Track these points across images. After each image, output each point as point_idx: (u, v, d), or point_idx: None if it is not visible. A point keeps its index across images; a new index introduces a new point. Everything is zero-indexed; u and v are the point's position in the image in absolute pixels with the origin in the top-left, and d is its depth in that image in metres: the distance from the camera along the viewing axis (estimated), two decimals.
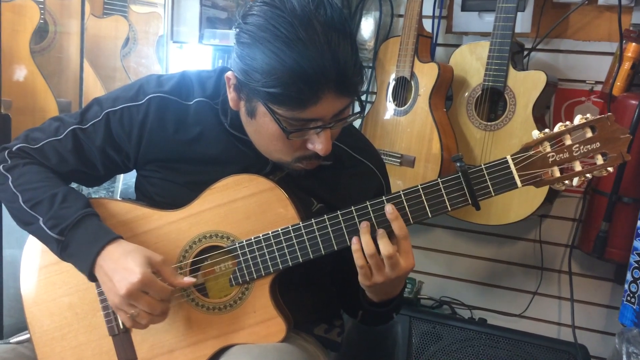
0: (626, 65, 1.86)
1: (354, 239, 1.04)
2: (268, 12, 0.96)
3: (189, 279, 1.08)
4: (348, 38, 0.97)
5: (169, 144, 1.16)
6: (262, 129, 1.05)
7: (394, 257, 1.01)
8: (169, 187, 1.18)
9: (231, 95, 1.08)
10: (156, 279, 1.02)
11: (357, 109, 1.06)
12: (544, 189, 1.86)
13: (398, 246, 1.03)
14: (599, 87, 2.05)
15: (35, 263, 1.18)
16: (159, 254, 1.06)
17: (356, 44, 1.00)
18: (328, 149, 1.03)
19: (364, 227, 1.04)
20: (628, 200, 1.85)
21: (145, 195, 1.22)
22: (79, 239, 1.07)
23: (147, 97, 1.16)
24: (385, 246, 1.01)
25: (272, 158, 1.11)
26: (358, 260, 1.03)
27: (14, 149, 1.18)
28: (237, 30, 1.02)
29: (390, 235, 1.03)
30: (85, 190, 1.49)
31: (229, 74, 1.06)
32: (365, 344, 2.06)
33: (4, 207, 1.39)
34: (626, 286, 1.74)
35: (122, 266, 1.02)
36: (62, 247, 1.08)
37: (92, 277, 1.07)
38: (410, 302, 2.19)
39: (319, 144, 1.02)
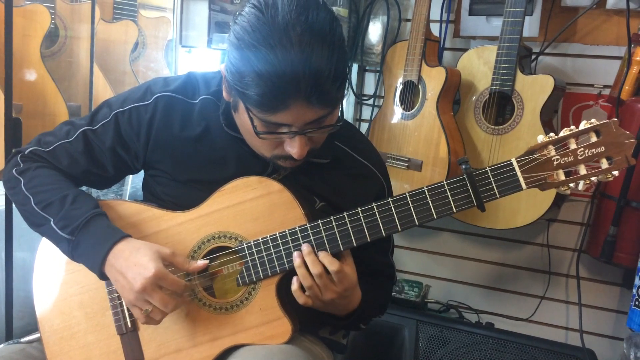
0: (634, 69, 1.86)
1: (296, 253, 1.07)
2: (252, 15, 0.99)
3: (202, 262, 1.10)
4: (328, 47, 0.96)
5: (175, 141, 1.18)
6: (243, 123, 1.08)
7: (342, 271, 1.06)
8: (175, 186, 1.19)
9: (224, 87, 1.11)
10: (169, 273, 1.04)
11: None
12: (551, 193, 1.85)
13: (344, 260, 1.08)
14: (607, 91, 2.05)
15: (48, 263, 1.20)
16: (167, 247, 1.08)
17: (341, 51, 0.99)
18: (301, 154, 1.05)
19: (305, 249, 1.07)
20: (636, 204, 1.84)
21: (153, 194, 1.23)
22: (88, 238, 1.08)
23: (154, 97, 1.19)
24: (332, 263, 1.05)
25: (256, 151, 1.14)
26: (305, 280, 1.06)
27: (26, 152, 1.20)
28: (231, 27, 1.05)
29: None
30: (94, 192, 1.50)
31: (222, 67, 1.08)
32: (372, 348, 2.06)
33: (14, 210, 1.40)
34: (634, 291, 1.74)
35: (134, 262, 1.04)
36: (73, 247, 1.09)
37: (103, 276, 1.09)
38: (417, 306, 2.19)
39: (292, 148, 1.05)
